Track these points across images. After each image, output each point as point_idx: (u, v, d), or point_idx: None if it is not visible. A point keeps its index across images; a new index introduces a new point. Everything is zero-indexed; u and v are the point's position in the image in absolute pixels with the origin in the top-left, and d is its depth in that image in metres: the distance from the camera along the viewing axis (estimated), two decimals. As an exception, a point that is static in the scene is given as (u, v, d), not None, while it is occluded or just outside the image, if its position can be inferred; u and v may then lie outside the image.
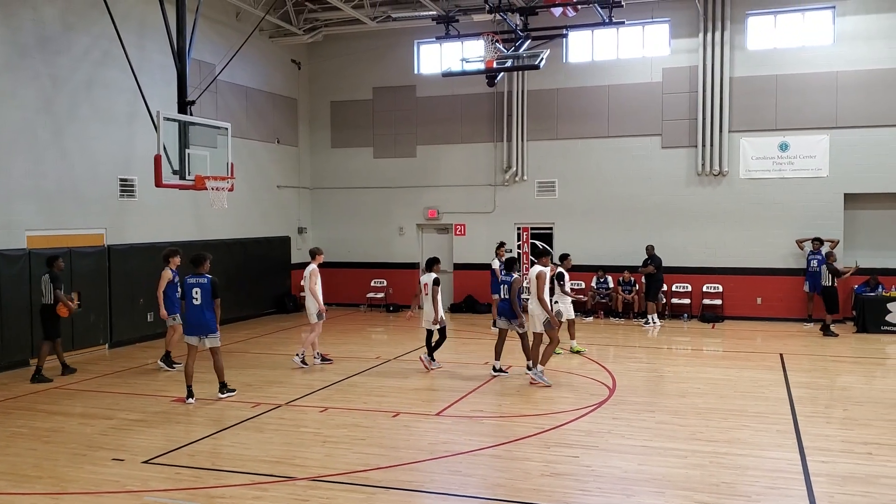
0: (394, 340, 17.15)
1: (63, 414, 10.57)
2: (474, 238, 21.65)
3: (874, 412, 10.35)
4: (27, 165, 14.17)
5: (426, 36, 21.24)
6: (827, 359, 14.42)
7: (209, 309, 11.03)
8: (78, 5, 15.10)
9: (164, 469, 8.14)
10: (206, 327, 11.07)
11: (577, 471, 8.02)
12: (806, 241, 18.48)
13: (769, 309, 18.94)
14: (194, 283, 11.09)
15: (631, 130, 20.15)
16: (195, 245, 17.57)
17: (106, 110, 15.77)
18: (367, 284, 22.28)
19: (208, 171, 13.45)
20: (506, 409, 10.64)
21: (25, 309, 13.87)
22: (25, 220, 14.14)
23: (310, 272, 13.63)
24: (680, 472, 7.92)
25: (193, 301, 11.07)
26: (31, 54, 14.24)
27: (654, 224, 19.82)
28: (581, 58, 20.69)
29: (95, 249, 15.34)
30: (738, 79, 19.29)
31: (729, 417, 10.10)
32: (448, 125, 21.77)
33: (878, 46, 18.27)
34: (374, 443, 9.07)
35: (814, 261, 18.11)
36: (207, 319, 11.04)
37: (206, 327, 11.07)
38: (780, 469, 8.01)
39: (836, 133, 18.64)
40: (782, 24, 19.23)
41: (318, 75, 23.04)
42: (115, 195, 16.03)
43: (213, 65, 17.75)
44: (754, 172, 19.29)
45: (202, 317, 11.04)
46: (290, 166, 22.44)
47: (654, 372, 13.10)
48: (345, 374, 12.97)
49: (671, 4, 19.57)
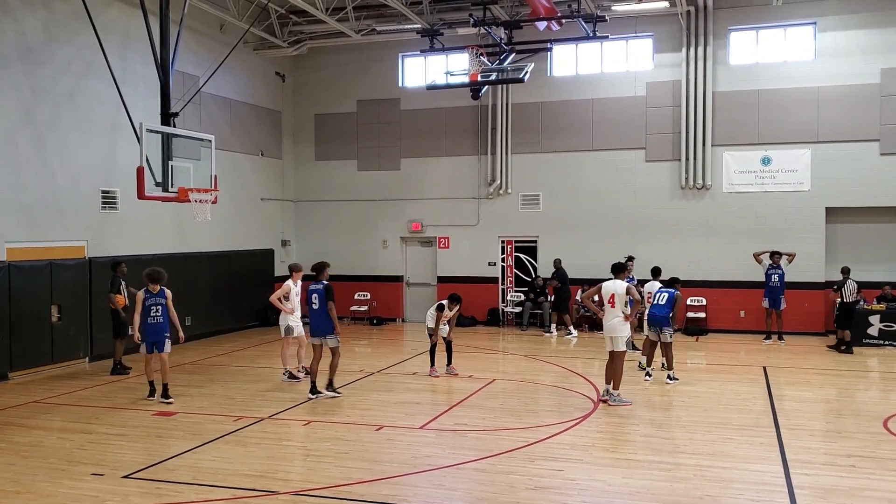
0: (377, 354, 17.08)
1: (42, 428, 10.43)
2: (458, 251, 21.63)
3: (857, 425, 10.39)
4: (7, 177, 14.04)
5: (411, 49, 21.27)
6: (810, 372, 14.48)
7: (325, 313, 12.03)
8: (61, 16, 15.03)
9: (145, 484, 8.04)
10: (324, 330, 12.11)
11: (562, 484, 7.99)
12: (763, 255, 18.16)
13: (752, 322, 19.00)
14: (313, 290, 12.26)
15: (615, 144, 20.24)
16: (177, 258, 17.50)
17: (88, 121, 15.66)
18: (351, 297, 22.19)
19: (192, 184, 13.40)
20: (490, 423, 10.59)
21: (4, 322, 13.70)
22: (5, 232, 13.99)
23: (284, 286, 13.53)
24: (664, 486, 7.90)
25: (313, 306, 12.21)
26: (13, 65, 14.13)
27: (638, 237, 19.88)
28: (565, 72, 20.79)
29: (76, 262, 15.19)
30: (721, 93, 19.45)
31: (713, 430, 10.11)
32: (432, 138, 21.79)
33: (858, 62, 18.48)
34: (357, 456, 9.01)
35: (774, 275, 17.84)
36: (325, 323, 12.07)
37: (325, 330, 12.10)
38: (764, 482, 8.02)
39: (818, 147, 18.80)
40: (764, 39, 19.42)
41: (302, 88, 23.03)
42: (96, 207, 15.90)
43: (197, 77, 17.69)
44: (737, 186, 19.42)
45: (320, 320, 12.13)
46: (274, 179, 22.38)
47: (638, 385, 13.09)
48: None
49: (654, 19, 19.72)
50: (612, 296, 11.59)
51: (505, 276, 21.43)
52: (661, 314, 13.21)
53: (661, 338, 13.29)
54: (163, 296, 11.96)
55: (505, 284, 21.44)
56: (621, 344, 11.50)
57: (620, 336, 11.50)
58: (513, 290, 21.26)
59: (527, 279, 21.12)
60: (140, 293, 11.97)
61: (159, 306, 11.95)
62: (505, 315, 21.22)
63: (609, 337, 11.58)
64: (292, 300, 13.56)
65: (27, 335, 14.07)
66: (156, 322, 11.90)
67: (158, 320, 11.91)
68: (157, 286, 11.95)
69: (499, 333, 20.00)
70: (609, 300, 11.62)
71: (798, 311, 18.81)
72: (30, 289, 14.10)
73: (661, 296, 13.36)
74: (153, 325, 11.90)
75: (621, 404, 11.44)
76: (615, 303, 11.53)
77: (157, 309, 11.91)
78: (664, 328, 13.16)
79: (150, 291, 11.91)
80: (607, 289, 11.69)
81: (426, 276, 22.25)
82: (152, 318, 11.87)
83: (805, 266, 18.77)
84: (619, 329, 11.49)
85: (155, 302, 11.89)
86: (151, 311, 11.87)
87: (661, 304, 13.27)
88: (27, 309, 14.05)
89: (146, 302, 11.86)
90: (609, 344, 11.60)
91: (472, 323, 21.05)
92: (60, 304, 14.66)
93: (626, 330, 11.58)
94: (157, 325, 11.91)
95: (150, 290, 11.91)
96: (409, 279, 22.44)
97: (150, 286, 11.95)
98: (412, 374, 14.14)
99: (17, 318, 13.88)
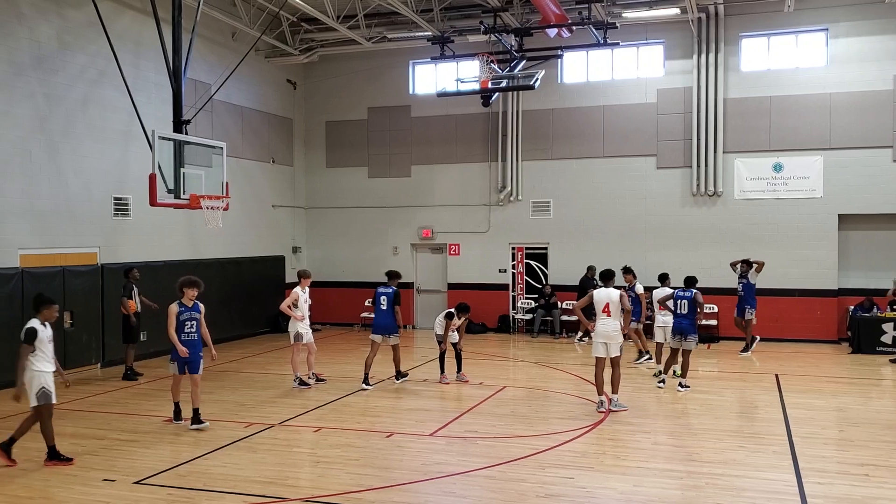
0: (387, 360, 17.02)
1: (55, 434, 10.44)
2: (469, 258, 21.63)
3: (870, 433, 10.31)
4: (21, 184, 14.14)
5: (421, 56, 21.32)
6: (822, 380, 14.39)
7: (391, 314, 13.27)
8: (74, 24, 15.14)
9: (156, 490, 8.06)
10: (390, 328, 13.34)
11: (573, 492, 7.96)
12: (738, 264, 17.65)
13: (764, 329, 18.91)
14: (382, 293, 13.49)
15: (626, 151, 20.21)
16: (189, 264, 17.57)
17: (101, 129, 15.77)
18: (361, 304, 22.18)
19: (203, 191, 13.45)
20: (500, 430, 10.57)
21: (18, 328, 13.69)
22: (19, 239, 14.09)
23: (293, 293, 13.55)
24: (676, 494, 7.87)
25: (381, 307, 13.43)
26: (27, 73, 14.25)
27: (649, 244, 19.84)
28: (576, 78, 20.79)
29: (89, 268, 15.27)
30: (732, 100, 19.40)
31: (725, 438, 10.06)
32: (443, 145, 21.82)
33: (870, 69, 18.40)
34: (367, 463, 9.00)
35: (740, 285, 17.43)
36: (391, 322, 13.28)
37: (390, 328, 13.33)
38: (776, 490, 7.97)
39: (830, 154, 18.73)
40: (776, 46, 19.37)
41: (313, 95, 23.10)
42: (109, 214, 15.99)
43: (209, 84, 17.79)
44: (749, 193, 19.35)
45: (386, 320, 13.30)
46: (285, 186, 22.45)
47: (649, 392, 13.05)
48: (338, 394, 12.89)
49: (665, 26, 19.70)
50: (606, 304, 11.52)
51: (515, 282, 21.40)
52: (686, 322, 13.13)
53: (684, 345, 13.23)
54: (197, 310, 10.78)
55: (515, 291, 21.41)
56: (617, 349, 11.50)
57: (617, 342, 11.49)
58: (523, 297, 21.23)
59: (537, 286, 21.08)
60: (173, 306, 10.67)
61: (194, 321, 10.71)
62: (515, 322, 21.19)
63: (604, 343, 11.50)
64: (301, 307, 13.57)
65: (40, 341, 14.12)
66: (190, 339, 10.69)
67: (193, 337, 10.71)
68: (193, 293, 10.73)
69: (509, 340, 19.97)
70: (603, 308, 11.53)
71: (810, 319, 18.74)
72: (43, 295, 14.15)
73: (682, 303, 13.20)
74: (187, 344, 10.66)
75: (620, 409, 11.46)
76: (610, 311, 11.48)
77: (191, 324, 10.69)
78: (689, 336, 13.11)
79: (184, 305, 10.69)
80: (600, 297, 11.63)
81: (437, 282, 22.25)
82: (186, 335, 10.65)
83: (817, 273, 18.71)
84: (615, 336, 11.48)
85: (190, 316, 10.68)
86: (186, 327, 10.64)
87: (685, 313, 13.15)
88: (40, 315, 14.11)
89: (180, 316, 10.60)
90: (603, 350, 11.52)
91: (482, 330, 21.03)
92: (73, 310, 14.73)
93: (620, 336, 11.58)
94: (191, 342, 10.69)
95: (183, 302, 10.71)
96: (420, 286, 22.45)
97: (184, 298, 10.72)
98: (422, 381, 14.13)
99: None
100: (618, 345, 11.48)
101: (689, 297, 13.13)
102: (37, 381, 9.07)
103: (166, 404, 12.13)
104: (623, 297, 11.54)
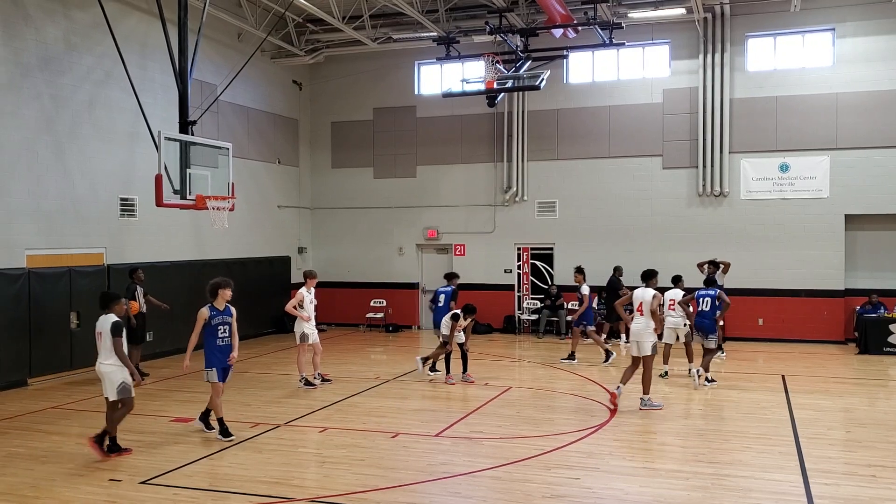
0: (393, 361, 17.08)
1: (61, 434, 10.50)
2: (474, 258, 21.62)
3: (877, 434, 10.27)
4: (28, 185, 14.19)
5: (427, 57, 21.33)
6: (829, 380, 14.34)
7: (448, 310, 14.23)
8: (81, 26, 15.19)
9: (162, 490, 8.07)
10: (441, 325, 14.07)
11: (578, 493, 7.95)
12: (705, 265, 17.12)
13: (771, 330, 18.89)
14: (442, 291, 14.93)
15: (632, 151, 20.19)
16: (195, 265, 17.63)
17: (107, 130, 15.81)
18: (367, 304, 22.23)
19: (209, 191, 13.47)
20: (506, 431, 10.56)
21: (24, 329, 13.84)
22: (25, 240, 14.13)
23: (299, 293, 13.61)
24: (682, 495, 7.85)
25: (438, 304, 14.77)
26: (34, 74, 14.29)
27: (655, 244, 19.80)
28: (581, 78, 20.78)
29: (95, 269, 15.32)
30: (739, 100, 19.36)
31: (731, 439, 10.03)
32: (448, 146, 21.82)
33: (877, 68, 18.35)
34: (372, 464, 9.01)
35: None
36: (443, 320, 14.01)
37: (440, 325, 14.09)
38: (782, 491, 7.94)
39: (837, 154, 18.67)
40: (782, 45, 19.32)
41: (319, 96, 23.13)
42: (115, 214, 16.03)
43: (215, 85, 17.82)
44: (755, 193, 19.31)
45: (443, 316, 14.07)
46: (291, 186, 22.48)
47: (655, 393, 13.01)
48: (344, 395, 12.90)
49: (671, 26, 19.67)
50: (640, 303, 11.83)
51: (521, 283, 21.39)
52: (708, 320, 13.46)
53: (705, 343, 13.50)
54: (229, 313, 10.09)
55: (521, 292, 21.40)
56: (648, 348, 11.63)
57: (648, 342, 11.64)
58: (529, 298, 21.22)
59: (543, 287, 21.07)
60: (204, 310, 9.90)
61: (227, 325, 10.03)
62: (521, 322, 21.18)
63: (636, 342, 11.78)
64: (307, 307, 13.58)
65: (47, 341, 14.21)
66: (225, 344, 10.02)
67: (227, 342, 10.06)
68: (228, 295, 10.06)
69: (515, 341, 19.96)
70: (638, 307, 11.86)
71: (817, 319, 18.71)
72: (49, 295, 14.23)
73: (705, 300, 13.50)
74: (222, 349, 9.98)
75: (652, 408, 11.57)
76: (643, 310, 11.77)
77: (224, 329, 10.01)
78: (710, 334, 13.40)
79: (215, 308, 9.95)
80: (636, 296, 11.99)
81: (442, 283, 22.14)
82: (222, 340, 9.97)
83: (824, 274, 18.67)
84: (645, 335, 11.67)
85: (222, 321, 9.99)
86: (219, 332, 9.94)
87: (707, 310, 13.45)
88: (47, 315, 14.19)
89: (213, 320, 9.88)
90: (635, 349, 11.78)
91: (488, 330, 21.03)
92: (79, 310, 14.77)
93: (653, 336, 11.72)
94: (226, 347, 10.04)
95: (215, 305, 9.97)
96: (425, 286, 22.45)
97: (216, 300, 9.99)
98: (428, 382, 14.12)
99: (37, 324, 14.02)
100: (649, 344, 11.63)
101: (713, 294, 13.47)
102: (118, 375, 9.25)
103: (172, 405, 12.19)
104: (656, 297, 11.80)
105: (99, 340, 9.24)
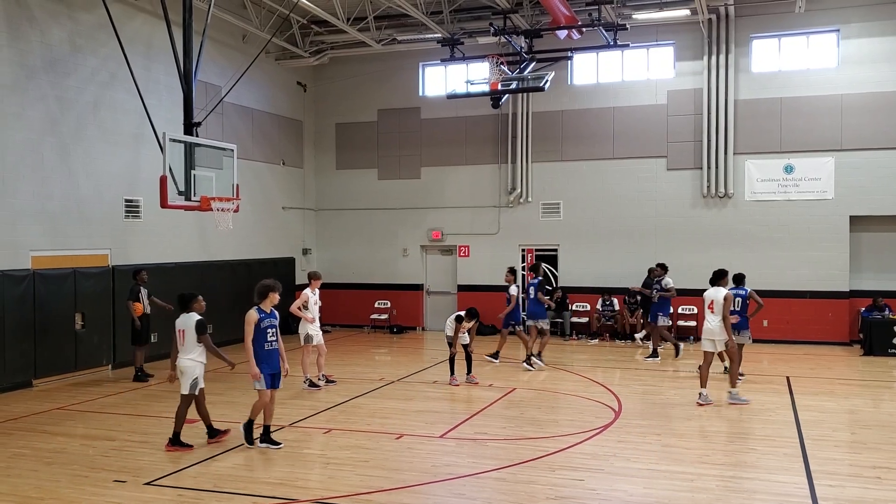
0: (397, 362, 17.08)
1: (65, 435, 10.52)
2: (478, 260, 21.62)
3: (882, 436, 10.25)
4: (33, 186, 14.22)
5: (431, 58, 21.34)
6: (834, 382, 14.31)
7: (538, 302, 15.47)
8: (86, 27, 15.22)
9: (166, 491, 8.09)
10: (539, 315, 15.51)
11: (582, 494, 7.94)
12: (654, 268, 17.25)
13: (775, 332, 18.83)
14: (532, 283, 15.80)
15: (636, 152, 20.16)
16: (199, 266, 17.66)
17: (112, 131, 15.84)
18: (371, 306, 22.24)
19: (214, 193, 13.48)
20: (510, 432, 10.56)
21: (29, 330, 13.87)
22: (30, 241, 14.16)
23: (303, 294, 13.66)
24: (686, 496, 7.84)
25: (530, 295, 15.72)
26: (39, 76, 14.33)
27: (660, 246, 19.77)
28: (586, 80, 20.77)
29: (100, 270, 15.35)
30: (743, 101, 19.33)
31: (735, 441, 10.02)
32: (452, 147, 21.82)
33: (882, 69, 18.31)
34: (377, 465, 9.01)
35: (654, 290, 16.80)
36: (538, 309, 15.50)
37: (539, 315, 15.50)
38: (787, 493, 7.93)
39: (841, 155, 18.63)
40: (787, 47, 19.28)
41: (323, 97, 23.15)
42: (120, 216, 16.06)
43: (220, 87, 17.85)
44: (760, 195, 19.27)
45: (535, 307, 15.49)
46: (295, 188, 22.50)
47: (659, 395, 13.01)
48: (348, 396, 12.91)
49: (675, 27, 19.64)
50: (710, 302, 12.22)
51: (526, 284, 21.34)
52: (741, 319, 13.77)
53: (737, 340, 13.53)
54: (276, 316, 9.81)
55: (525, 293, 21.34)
56: (721, 345, 12.22)
57: (720, 339, 12.13)
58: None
59: (548, 288, 21.02)
60: (252, 313, 9.51)
61: (274, 329, 9.68)
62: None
63: (710, 340, 12.26)
64: (311, 308, 13.60)
65: (51, 342, 14.24)
66: (273, 349, 9.67)
67: (276, 346, 9.72)
68: (277, 298, 9.70)
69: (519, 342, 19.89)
70: (708, 305, 12.26)
71: (822, 321, 18.65)
72: (54, 297, 14.26)
73: (737, 300, 13.69)
74: (271, 354, 9.65)
75: (739, 402, 12.07)
76: (714, 308, 12.17)
77: (272, 332, 9.64)
78: (742, 331, 13.72)
79: (263, 310, 9.60)
80: (707, 295, 12.38)
81: (446, 284, 22.25)
82: (269, 344, 9.62)
83: (829, 275, 18.62)
84: (716, 332, 12.14)
85: (270, 324, 9.64)
86: (268, 335, 9.57)
87: (738, 310, 13.68)
88: (52, 317, 14.23)
89: (261, 323, 9.51)
90: (711, 346, 12.29)
91: (492, 331, 20.99)
92: (84, 312, 14.81)
93: (722, 333, 12.09)
94: (275, 351, 9.72)
95: (262, 308, 9.62)
96: (430, 288, 22.45)
97: (264, 303, 9.63)
98: (432, 383, 14.14)
99: (42, 325, 14.06)
100: (723, 341, 12.13)
101: (745, 294, 13.82)
102: (191, 371, 9.69)
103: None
104: (728, 298, 12.16)
105: (180, 338, 9.70)
